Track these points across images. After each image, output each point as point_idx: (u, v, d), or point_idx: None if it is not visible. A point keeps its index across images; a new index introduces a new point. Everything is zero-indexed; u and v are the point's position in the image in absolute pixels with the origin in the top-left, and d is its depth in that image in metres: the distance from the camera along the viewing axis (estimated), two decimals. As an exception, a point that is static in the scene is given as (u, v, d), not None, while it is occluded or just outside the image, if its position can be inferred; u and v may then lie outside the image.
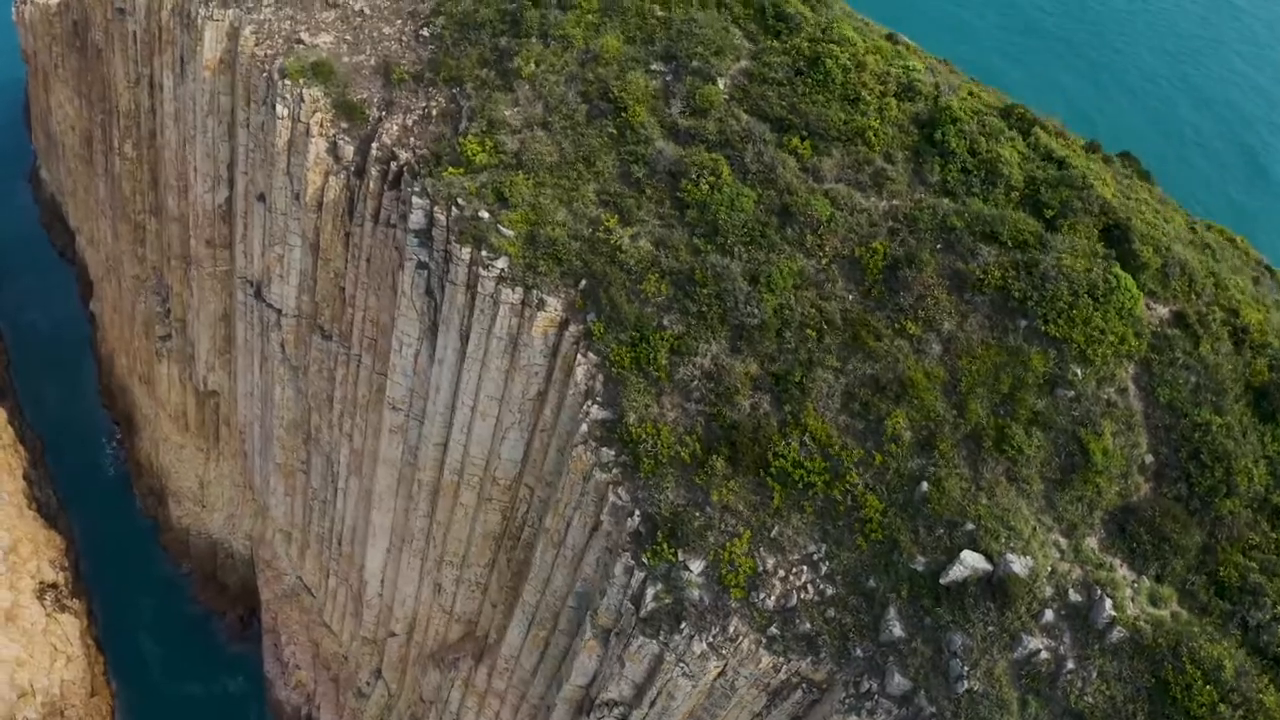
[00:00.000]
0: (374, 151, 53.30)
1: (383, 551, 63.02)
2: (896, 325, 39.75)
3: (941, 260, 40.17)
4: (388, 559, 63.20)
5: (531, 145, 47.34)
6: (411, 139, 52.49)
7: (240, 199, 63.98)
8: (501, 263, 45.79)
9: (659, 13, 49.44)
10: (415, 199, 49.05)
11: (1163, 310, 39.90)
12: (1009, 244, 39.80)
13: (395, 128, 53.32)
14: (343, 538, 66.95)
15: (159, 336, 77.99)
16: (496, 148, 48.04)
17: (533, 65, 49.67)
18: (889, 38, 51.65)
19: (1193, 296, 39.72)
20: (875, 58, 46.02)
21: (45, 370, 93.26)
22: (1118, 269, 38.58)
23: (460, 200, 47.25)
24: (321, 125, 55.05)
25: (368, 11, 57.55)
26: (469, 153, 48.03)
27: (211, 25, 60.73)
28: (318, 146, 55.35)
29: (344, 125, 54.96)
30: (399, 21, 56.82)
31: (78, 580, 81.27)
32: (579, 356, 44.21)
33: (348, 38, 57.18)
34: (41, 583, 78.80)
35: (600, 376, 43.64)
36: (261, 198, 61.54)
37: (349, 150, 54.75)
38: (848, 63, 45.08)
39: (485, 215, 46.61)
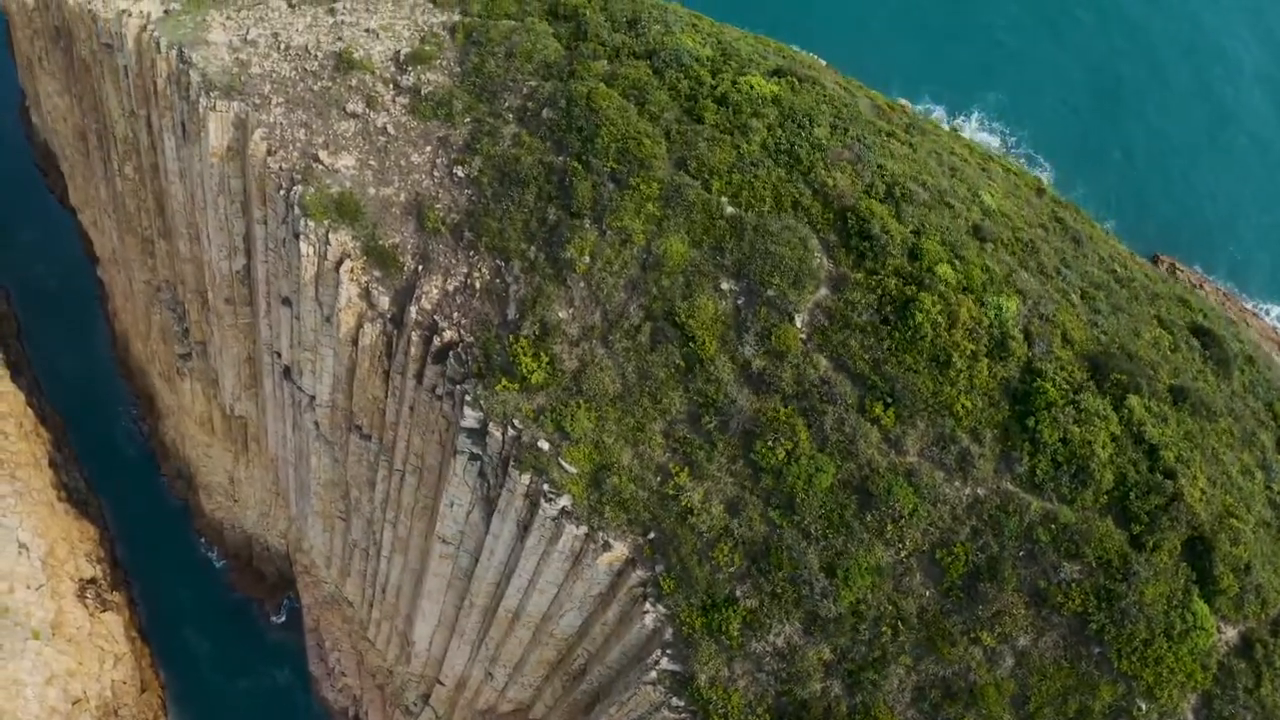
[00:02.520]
0: (414, 313, 51.10)
1: (431, 627, 64.68)
2: (972, 634, 39.97)
3: (1023, 573, 39.91)
4: (436, 633, 64.94)
5: (592, 369, 45.59)
6: (455, 312, 50.28)
7: (261, 283, 61.32)
8: (564, 500, 45.11)
9: (728, 210, 46.02)
10: (468, 408, 47.55)
11: (1231, 632, 40.22)
12: (1093, 563, 39.42)
13: (435, 290, 50.99)
14: (388, 590, 68.36)
15: (179, 355, 76.38)
16: (553, 363, 46.21)
17: (587, 258, 46.88)
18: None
19: (1263, 616, 39.87)
20: (969, 306, 43.27)
21: (57, 335, 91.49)
22: (1197, 603, 38.56)
23: (517, 422, 45.90)
24: (353, 272, 52.40)
25: (391, 130, 53.51)
26: (523, 367, 46.19)
27: (215, 116, 56.53)
28: (350, 291, 52.98)
29: (376, 274, 52.31)
30: (428, 148, 52.94)
31: (115, 569, 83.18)
32: (647, 604, 44.37)
33: (372, 163, 53.47)
34: (81, 580, 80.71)
35: (669, 630, 44.02)
36: (287, 302, 59.09)
37: (384, 300, 52.62)
38: (939, 317, 42.59)
39: (545, 446, 45.51)
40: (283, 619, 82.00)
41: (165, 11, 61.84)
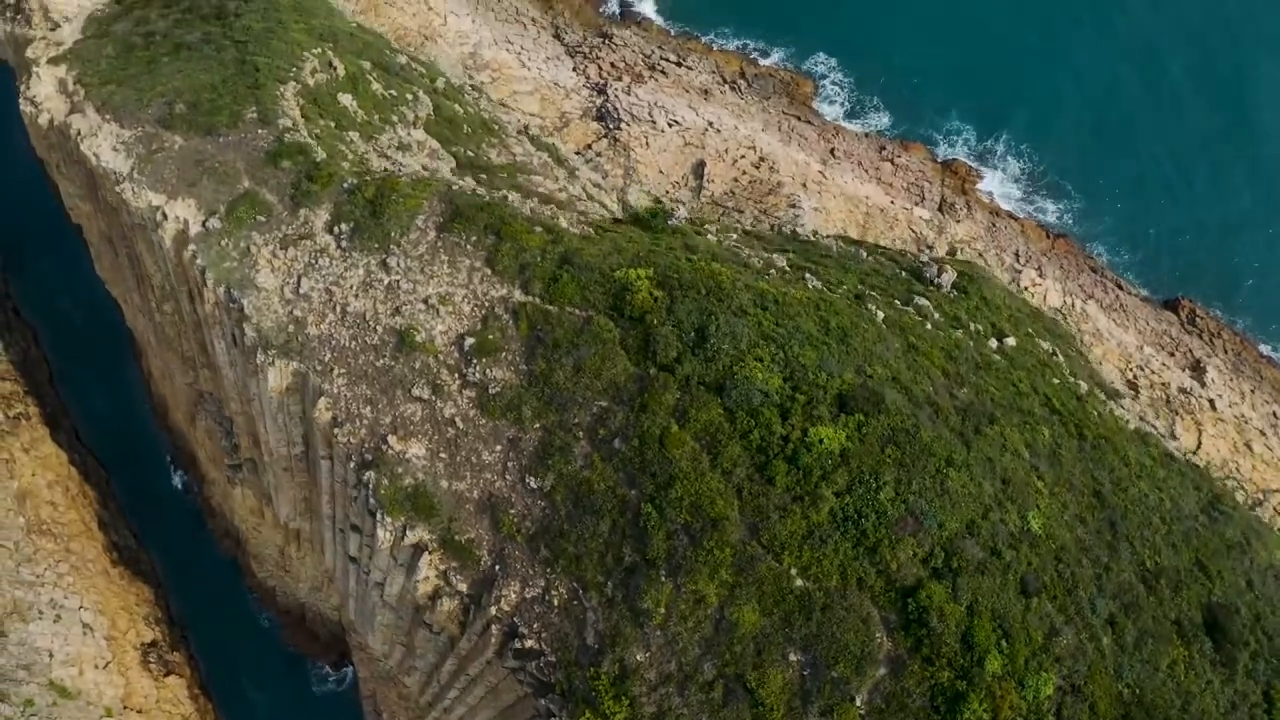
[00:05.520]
0: (493, 609, 54.14)
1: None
2: None
3: None
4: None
5: (670, 718, 49.36)
6: (535, 622, 53.42)
7: (325, 496, 63.33)
8: None
9: (798, 582, 48.77)
10: (554, 722, 51.64)
11: None
12: None
13: (513, 594, 53.90)
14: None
15: (228, 465, 78.61)
16: (633, 704, 49.89)
17: (663, 611, 49.84)
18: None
19: None
20: (1012, 697, 47.12)
21: (90, 377, 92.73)
22: None
23: (600, 755, 50.24)
24: (432, 564, 55.04)
25: (460, 424, 54.81)
26: (607, 707, 49.97)
27: (275, 370, 57.61)
28: (428, 576, 55.63)
29: (454, 564, 54.96)
30: (498, 448, 54.41)
31: (172, 628, 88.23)
32: None
33: (443, 455, 55.05)
34: (143, 644, 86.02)
35: None
36: (356, 529, 61.53)
37: (463, 585, 55.36)
38: (984, 714, 46.48)
39: (627, 783, 49.97)
40: (342, 685, 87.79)
41: (204, 226, 61.12)
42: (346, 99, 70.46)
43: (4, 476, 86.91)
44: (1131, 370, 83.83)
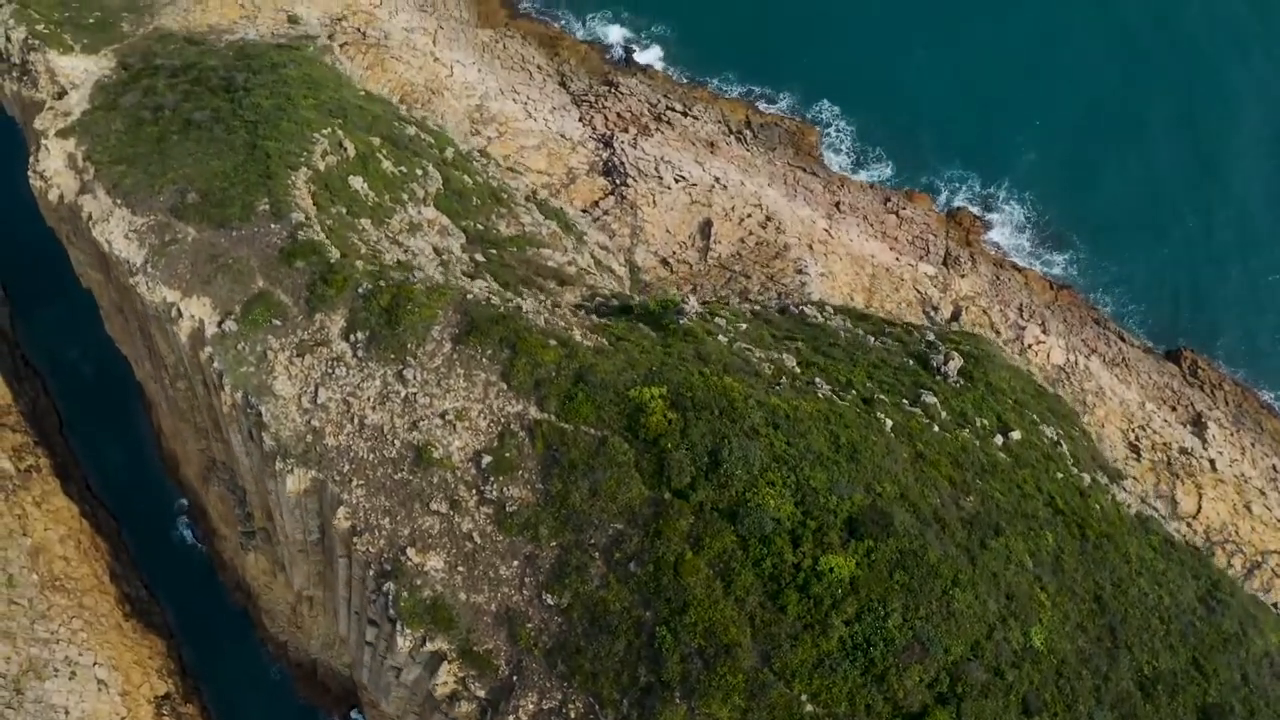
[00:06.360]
0: (511, 718, 55.46)
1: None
2: None
3: None
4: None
5: None
6: (551, 736, 54.64)
7: (341, 587, 64.46)
8: None
9: (808, 707, 50.05)
10: None
11: None
12: None
13: (530, 704, 55.27)
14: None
15: (241, 531, 79.70)
16: (658, 827, 51.46)
17: (676, 740, 51.19)
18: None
19: None
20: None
21: (98, 426, 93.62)
22: None
23: None
24: (451, 672, 56.30)
25: (477, 539, 55.91)
26: (627, 845, 51.48)
27: (293, 477, 58.58)
28: (447, 683, 56.93)
29: (472, 672, 56.22)
30: (515, 563, 55.51)
31: (185, 679, 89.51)
32: None
33: (461, 569, 56.15)
34: (156, 698, 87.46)
35: None
36: (374, 623, 62.68)
37: (481, 691, 56.65)
38: None
39: None
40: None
41: (220, 327, 61.74)
42: (357, 182, 70.87)
43: (16, 533, 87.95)
44: (1134, 431, 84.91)
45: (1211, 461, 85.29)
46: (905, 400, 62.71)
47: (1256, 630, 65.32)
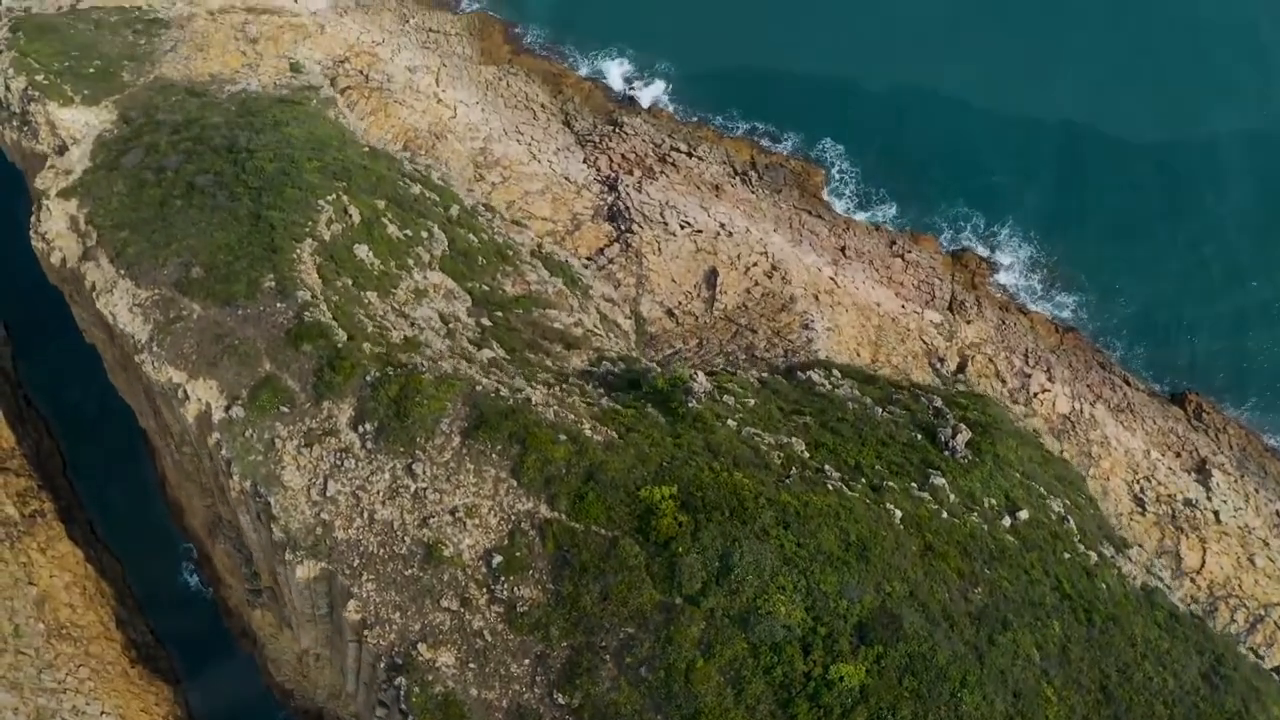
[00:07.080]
0: (525, 819, 55.88)
1: None
2: None
3: None
4: None
5: None
6: (564, 837, 54.95)
7: (351, 675, 64.67)
8: None
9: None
10: None
11: None
12: None
13: (543, 806, 55.37)
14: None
15: (248, 589, 79.80)
16: None
17: None
18: None
19: None
20: None
21: (102, 468, 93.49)
22: None
23: None
24: (464, 765, 56.60)
25: (489, 636, 56.00)
26: None
27: (303, 569, 58.69)
28: (460, 778, 57.23)
29: (486, 768, 56.52)
30: (526, 662, 55.68)
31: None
32: None
33: (472, 665, 56.29)
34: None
35: None
36: (383, 704, 62.90)
37: (491, 786, 56.85)
38: None
39: None
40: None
41: (227, 413, 61.53)
42: (362, 250, 70.42)
43: (22, 581, 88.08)
44: (1138, 483, 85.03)
45: (1216, 513, 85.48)
46: (914, 484, 62.67)
47: (1259, 705, 65.70)
